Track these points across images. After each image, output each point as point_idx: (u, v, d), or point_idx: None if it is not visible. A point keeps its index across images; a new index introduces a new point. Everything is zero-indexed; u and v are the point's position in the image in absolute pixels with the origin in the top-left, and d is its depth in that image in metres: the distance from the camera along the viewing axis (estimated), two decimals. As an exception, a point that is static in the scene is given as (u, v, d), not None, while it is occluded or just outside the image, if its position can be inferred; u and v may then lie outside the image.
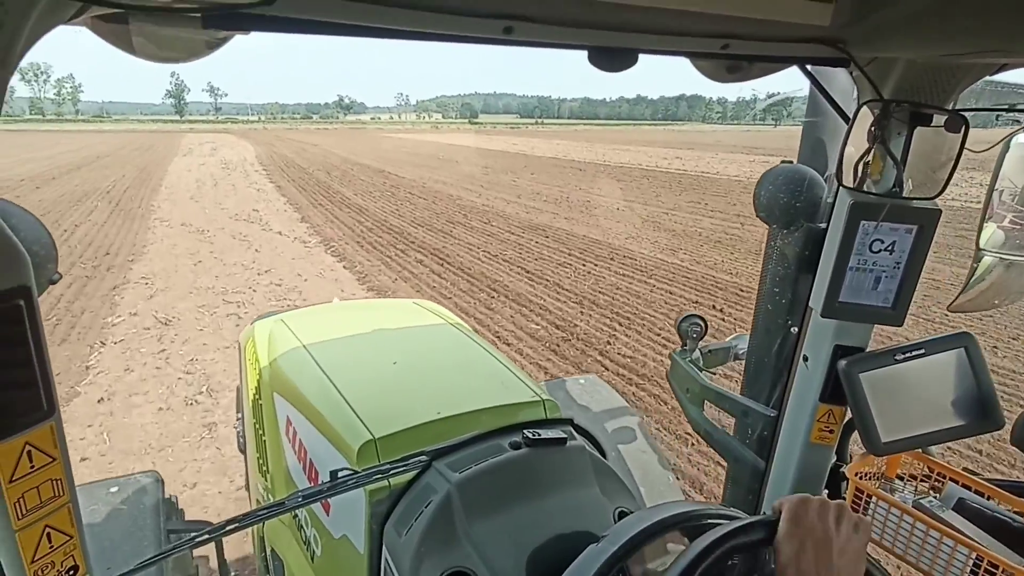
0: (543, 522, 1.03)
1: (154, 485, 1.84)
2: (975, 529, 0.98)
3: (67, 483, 0.60)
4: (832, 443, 1.20)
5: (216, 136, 53.45)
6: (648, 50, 0.76)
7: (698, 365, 1.63)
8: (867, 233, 1.01)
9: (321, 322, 2.13)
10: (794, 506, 0.68)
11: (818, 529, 0.66)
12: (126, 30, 0.61)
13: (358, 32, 0.63)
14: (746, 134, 74.06)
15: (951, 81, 0.93)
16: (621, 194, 16.71)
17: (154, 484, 1.84)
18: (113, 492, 1.76)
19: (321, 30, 0.62)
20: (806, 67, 0.99)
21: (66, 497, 0.60)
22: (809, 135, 1.35)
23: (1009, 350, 5.46)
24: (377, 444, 1.25)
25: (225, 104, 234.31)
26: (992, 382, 1.03)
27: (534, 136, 63.41)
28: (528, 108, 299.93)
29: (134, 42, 0.64)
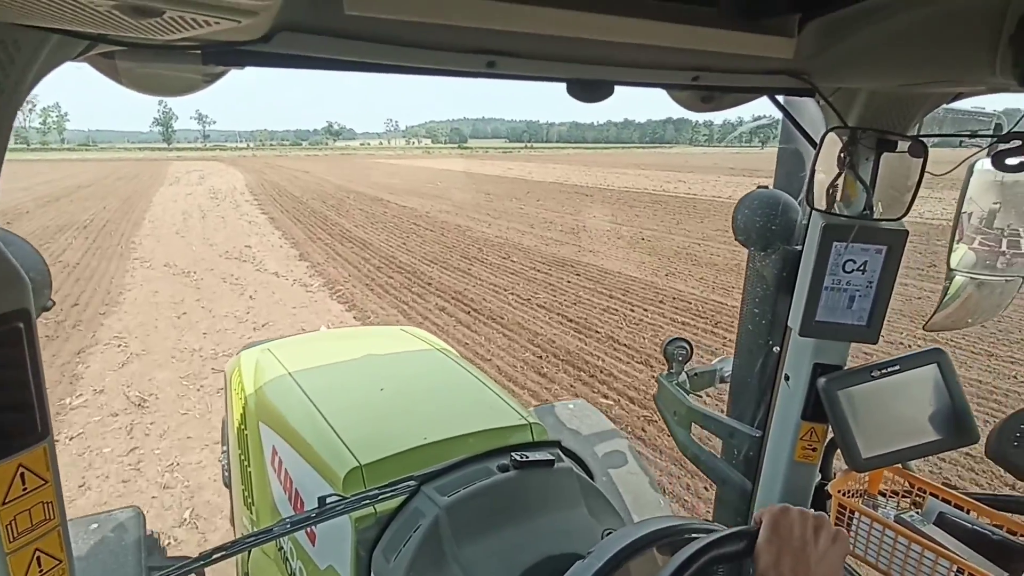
0: (532, 544, 1.03)
1: (135, 521, 1.80)
2: (955, 542, 1.00)
3: (58, 507, 0.60)
4: (816, 461, 1.21)
5: (204, 164, 51.25)
6: (623, 82, 0.80)
7: (685, 388, 1.65)
8: (839, 254, 1.04)
9: (308, 350, 2.12)
10: (774, 516, 0.70)
11: (796, 539, 0.67)
12: (128, 66, 0.64)
13: (351, 67, 0.66)
14: (737, 156, 74.82)
15: (911, 109, 0.98)
16: (639, 221, 15.45)
17: (135, 520, 1.80)
18: (94, 529, 1.72)
19: (315, 65, 0.65)
20: (775, 97, 1.03)
21: (56, 521, 0.60)
22: (783, 161, 1.40)
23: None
24: (363, 471, 1.25)
25: (213, 132, 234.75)
26: (965, 397, 1.06)
27: (527, 160, 62.54)
28: (516, 132, 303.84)
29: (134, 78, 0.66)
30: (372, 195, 21.89)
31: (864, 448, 1.04)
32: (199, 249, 11.48)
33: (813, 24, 0.83)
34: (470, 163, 55.30)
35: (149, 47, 0.60)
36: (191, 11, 0.41)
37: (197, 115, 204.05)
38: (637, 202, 20.51)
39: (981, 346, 5.94)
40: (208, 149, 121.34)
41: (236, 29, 0.52)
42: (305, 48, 0.61)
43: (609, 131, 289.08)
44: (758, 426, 1.42)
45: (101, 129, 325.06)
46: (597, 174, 37.50)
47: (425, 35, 0.65)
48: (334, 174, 35.65)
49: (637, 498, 1.93)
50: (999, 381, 5.08)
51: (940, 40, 0.72)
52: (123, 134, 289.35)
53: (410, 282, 8.70)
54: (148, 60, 0.64)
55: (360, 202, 19.63)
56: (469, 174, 37.24)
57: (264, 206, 18.69)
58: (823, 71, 0.90)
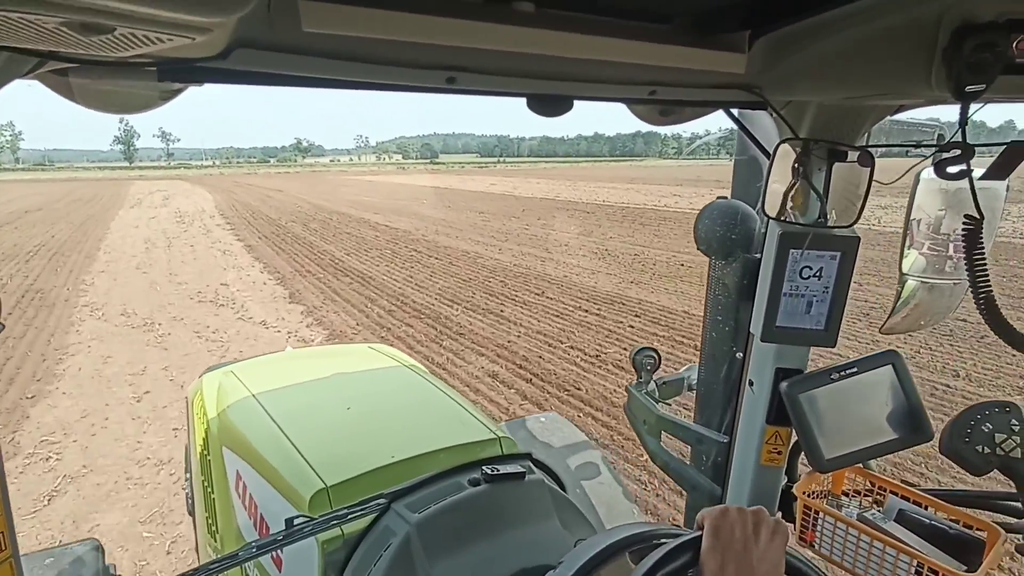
0: (504, 557, 1.02)
1: (93, 555, 1.72)
2: (915, 538, 1.02)
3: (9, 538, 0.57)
4: (781, 464, 1.24)
5: (169, 183, 47.64)
6: (582, 96, 0.82)
7: (654, 397, 1.67)
8: (796, 261, 1.08)
9: (272, 371, 2.08)
10: (714, 519, 0.71)
11: (738, 540, 0.68)
12: (81, 83, 0.63)
13: (310, 83, 0.66)
14: (712, 168, 75.09)
15: (858, 121, 1.02)
16: (663, 243, 13.72)
17: (93, 554, 1.72)
18: (49, 563, 1.64)
19: (275, 82, 0.65)
20: (729, 110, 1.07)
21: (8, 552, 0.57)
22: (740, 172, 1.44)
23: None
24: (330, 492, 1.23)
25: (177, 150, 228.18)
26: (919, 396, 1.09)
27: (505, 175, 59.22)
28: (488, 147, 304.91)
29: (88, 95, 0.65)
30: (356, 216, 19.88)
31: (826, 449, 1.06)
32: (165, 289, 9.35)
33: (763, 40, 0.86)
34: (448, 179, 52.12)
35: (102, 64, 0.59)
36: (143, 28, 0.41)
37: (160, 133, 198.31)
38: (645, 219, 18.66)
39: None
40: (172, 168, 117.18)
41: (192, 46, 0.51)
42: (263, 65, 0.61)
43: (580, 145, 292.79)
44: (725, 432, 1.44)
45: (59, 148, 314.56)
46: (585, 189, 35.68)
47: (384, 51, 0.65)
48: (309, 192, 33.57)
49: (610, 509, 1.93)
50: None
51: (880, 55, 0.76)
52: (82, 153, 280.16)
53: (435, 331, 6.93)
54: (101, 77, 0.63)
55: (345, 224, 17.66)
56: (451, 190, 35.11)
57: (238, 231, 16.56)
58: (774, 85, 0.93)
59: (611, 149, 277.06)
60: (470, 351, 6.26)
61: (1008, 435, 0.94)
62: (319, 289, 9.26)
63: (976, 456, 0.94)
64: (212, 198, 29.54)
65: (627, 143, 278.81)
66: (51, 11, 0.36)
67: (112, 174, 77.98)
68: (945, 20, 0.67)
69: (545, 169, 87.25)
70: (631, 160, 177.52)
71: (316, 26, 0.57)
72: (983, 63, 0.65)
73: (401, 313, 7.81)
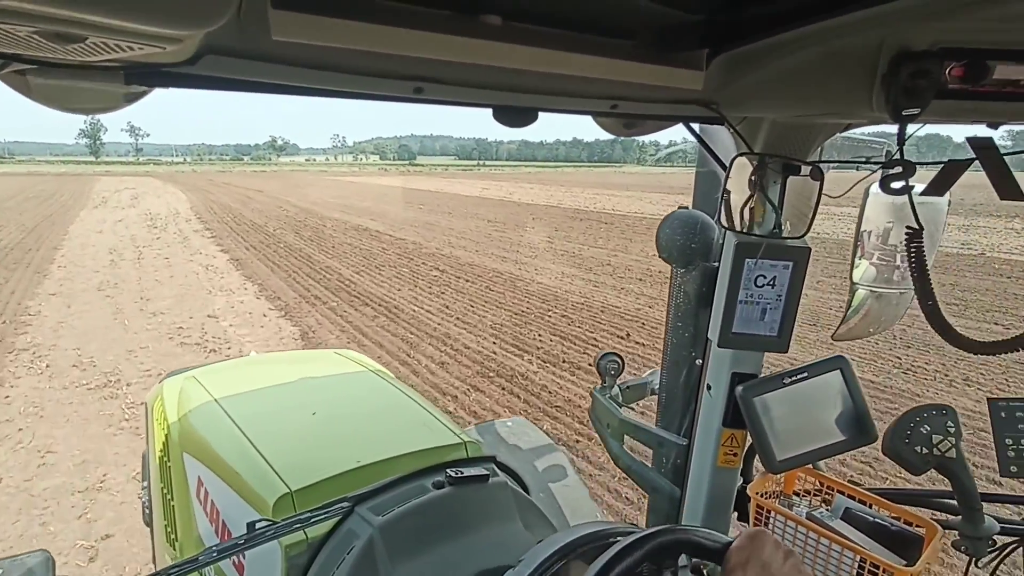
0: (466, 558, 1.03)
1: (44, 566, 1.66)
2: (859, 535, 1.08)
3: None
4: (736, 466, 1.28)
5: (138, 180, 43.41)
6: (547, 108, 0.84)
7: (617, 401, 1.70)
8: (751, 269, 1.12)
9: (235, 377, 2.05)
10: (752, 533, 0.74)
11: (766, 557, 0.71)
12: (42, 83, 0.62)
13: (278, 91, 0.66)
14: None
15: (809, 137, 1.07)
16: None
17: (43, 565, 1.67)
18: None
19: (244, 88, 0.65)
20: (689, 125, 1.11)
21: None
22: (701, 183, 1.49)
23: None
24: (294, 497, 1.22)
25: (147, 145, 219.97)
26: (865, 400, 1.15)
27: (495, 179, 56.41)
28: (466, 150, 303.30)
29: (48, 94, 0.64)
30: (353, 223, 17.49)
31: (778, 451, 1.11)
32: (135, 322, 7.00)
33: (720, 59, 0.90)
34: (433, 182, 48.77)
35: (67, 67, 0.59)
36: (115, 38, 0.41)
37: (129, 127, 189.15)
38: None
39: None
40: (141, 164, 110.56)
41: (161, 52, 0.52)
42: (232, 71, 0.61)
43: (559, 149, 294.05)
44: (684, 435, 1.48)
45: (21, 141, 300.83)
46: (584, 195, 33.33)
47: (353, 61, 0.67)
48: (292, 194, 30.67)
49: (575, 510, 1.96)
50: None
51: (828, 77, 0.81)
52: (45, 146, 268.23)
53: (489, 377, 5.26)
54: (65, 79, 0.62)
55: (342, 233, 15.42)
56: (443, 194, 32.61)
57: (221, 239, 14.10)
58: (730, 102, 0.98)
59: (590, 154, 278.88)
60: (547, 415, 4.54)
61: (944, 436, 1.00)
62: (337, 325, 7.10)
63: (915, 456, 0.99)
64: (186, 198, 26.80)
65: (605, 149, 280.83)
66: (25, 21, 0.36)
67: (77, 169, 72.65)
68: (884, 47, 0.71)
69: (530, 173, 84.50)
70: (612, 167, 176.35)
71: (286, 35, 0.58)
72: (918, 89, 0.70)
73: (458, 367, 5.67)
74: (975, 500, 0.99)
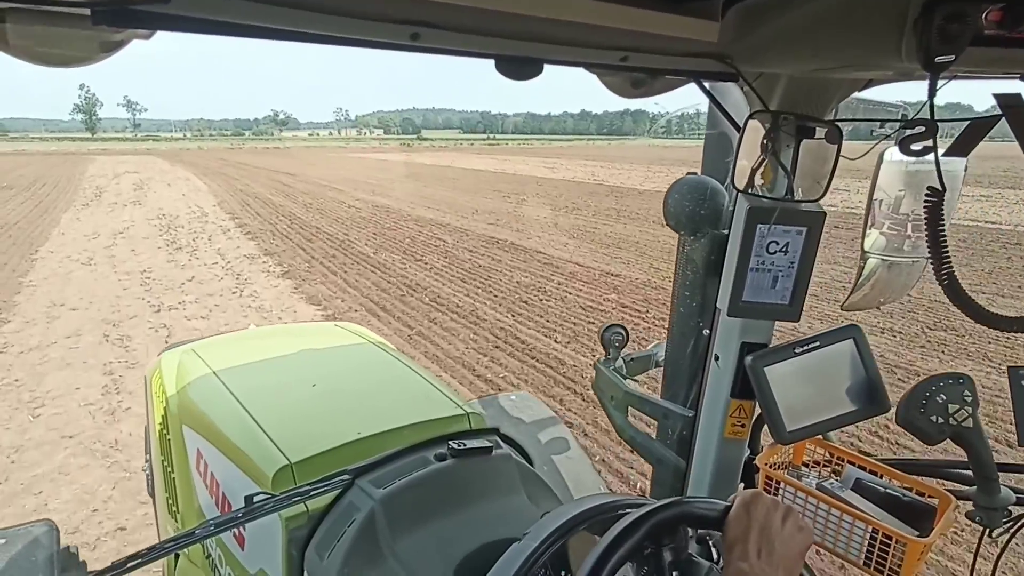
0: (470, 532, 1.02)
1: (48, 536, 1.66)
2: (871, 506, 1.06)
3: None
4: (744, 437, 1.26)
5: (139, 160, 35.04)
6: (552, 60, 0.79)
7: (621, 373, 1.68)
8: (763, 236, 1.08)
9: (235, 350, 2.02)
10: (747, 497, 0.74)
11: (765, 519, 0.71)
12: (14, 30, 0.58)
13: (261, 34, 0.62)
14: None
15: (827, 95, 1.02)
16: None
17: (48, 534, 1.66)
18: (1, 544, 1.58)
19: (221, 30, 0.60)
20: (701, 83, 1.06)
21: None
22: (710, 147, 1.43)
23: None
24: (294, 469, 1.20)
25: (145, 120, 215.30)
26: (878, 370, 1.12)
27: (513, 154, 51.65)
28: (471, 123, 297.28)
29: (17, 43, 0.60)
30: (477, 231, 11.95)
31: (788, 422, 1.08)
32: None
33: (736, 8, 0.85)
34: (455, 157, 43.98)
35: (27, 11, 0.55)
36: None
37: (126, 101, 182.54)
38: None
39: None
40: (140, 140, 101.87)
41: None
42: (208, 11, 0.56)
43: (566, 122, 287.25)
44: (690, 406, 1.46)
45: (15, 117, 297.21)
46: (615, 171, 29.40)
47: (343, 2, 0.62)
48: (329, 177, 24.63)
49: (578, 483, 1.95)
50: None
51: (852, 26, 0.76)
52: (40, 122, 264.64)
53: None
54: (33, 23, 0.58)
55: (440, 234, 11.42)
56: (476, 173, 28.35)
57: (305, 280, 8.07)
58: (746, 56, 0.92)
59: (599, 127, 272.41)
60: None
61: (960, 406, 0.97)
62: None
63: (930, 426, 0.97)
64: (206, 187, 20.48)
65: (615, 121, 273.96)
66: None
67: (70, 146, 63.34)
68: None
69: (543, 147, 77.89)
70: (624, 139, 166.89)
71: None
72: (953, 33, 0.65)
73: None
74: (991, 470, 0.97)
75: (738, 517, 0.71)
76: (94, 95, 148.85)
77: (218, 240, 11.21)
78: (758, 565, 0.65)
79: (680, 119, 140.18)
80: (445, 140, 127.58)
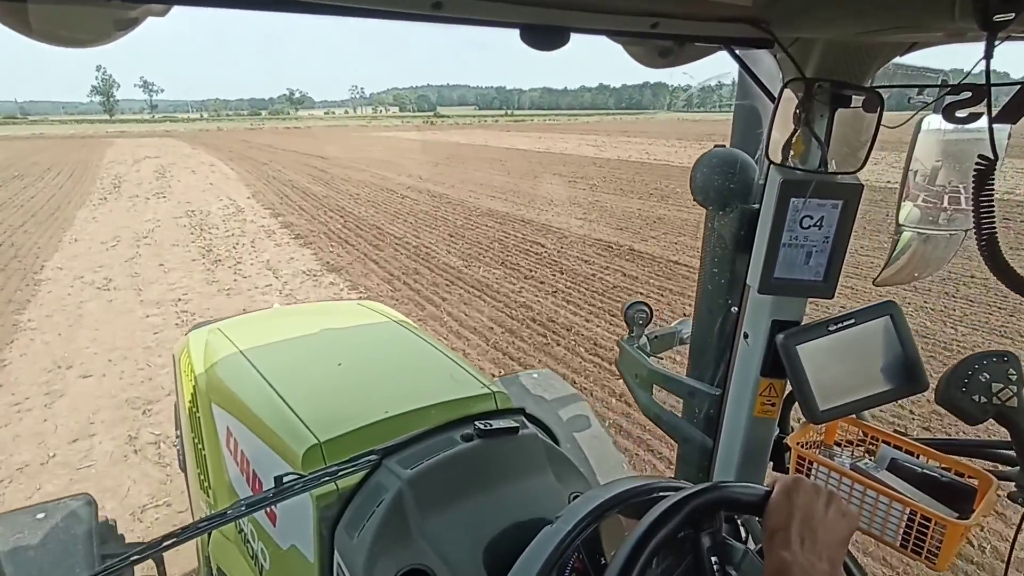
0: (498, 512, 1.02)
1: (86, 509, 1.71)
2: (907, 486, 1.03)
3: None
4: (774, 416, 1.24)
5: (158, 144, 33.33)
6: (579, 28, 0.76)
7: (645, 351, 1.66)
8: (797, 210, 1.04)
9: (260, 329, 2.04)
10: (787, 483, 0.72)
11: (807, 506, 0.69)
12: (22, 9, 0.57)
13: (277, 7, 0.60)
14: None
15: (867, 60, 0.97)
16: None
17: (87, 508, 1.72)
18: (40, 519, 1.63)
19: (237, 3, 0.58)
20: (733, 50, 1.01)
21: None
22: (739, 119, 1.38)
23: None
24: (323, 448, 1.21)
25: (161, 101, 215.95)
26: (916, 347, 1.08)
27: (543, 131, 48.15)
28: (486, 99, 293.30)
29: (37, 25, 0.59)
30: (539, 221, 10.61)
31: (821, 401, 1.06)
32: None
33: None
34: (489, 136, 40.75)
35: None
36: None
37: (142, 82, 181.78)
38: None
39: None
40: (157, 121, 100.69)
41: None
42: None
43: (584, 96, 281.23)
44: (717, 384, 1.43)
45: (35, 100, 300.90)
46: (666, 149, 27.07)
47: None
48: (364, 161, 22.40)
49: (600, 461, 1.95)
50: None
51: None
52: (59, 105, 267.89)
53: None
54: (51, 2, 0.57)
55: (541, 237, 9.37)
56: (525, 153, 26.02)
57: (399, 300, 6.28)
58: (781, 20, 0.88)
59: (617, 101, 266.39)
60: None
61: (1005, 384, 0.93)
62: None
63: (972, 406, 0.93)
64: (235, 174, 18.45)
65: (634, 95, 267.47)
66: None
67: (88, 129, 62.54)
68: None
69: (570, 122, 74.91)
70: (644, 113, 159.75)
71: None
72: None
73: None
74: (1036, 451, 0.94)
75: (779, 504, 0.69)
76: (111, 76, 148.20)
77: (264, 247, 8.89)
78: (801, 554, 0.64)
79: (702, 91, 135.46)
80: (463, 116, 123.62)
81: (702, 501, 0.68)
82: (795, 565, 0.63)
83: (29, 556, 1.46)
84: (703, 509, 0.68)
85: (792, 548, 0.64)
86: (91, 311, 6.10)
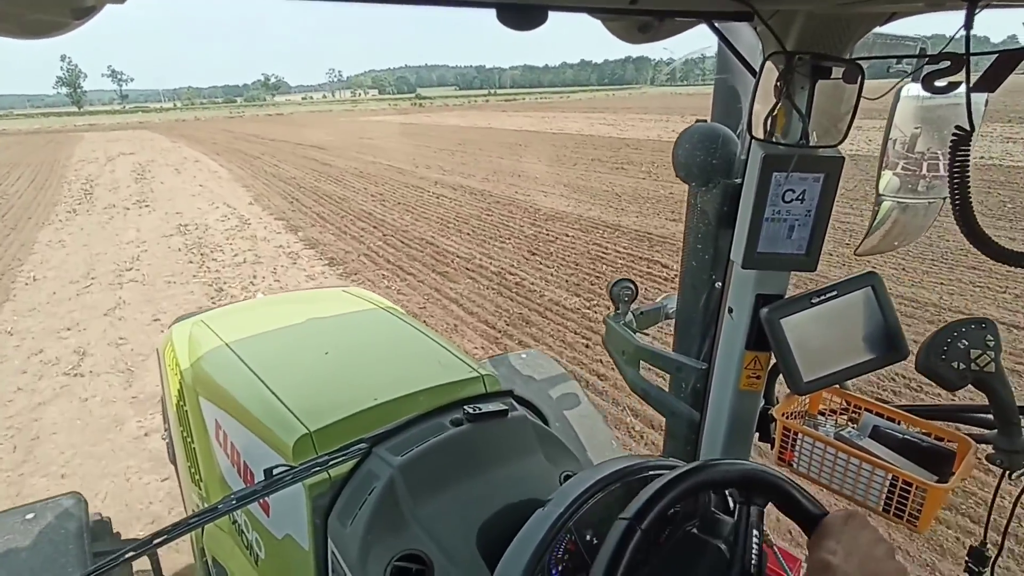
0: (490, 495, 1.03)
1: (77, 507, 1.70)
2: (889, 452, 1.06)
3: None
4: (760, 388, 1.25)
5: (133, 137, 29.71)
6: (557, 7, 0.74)
7: (631, 327, 1.67)
8: (779, 184, 1.05)
9: (245, 319, 2.02)
10: (847, 515, 0.68)
11: (864, 544, 0.65)
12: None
13: None
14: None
15: (847, 32, 0.97)
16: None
17: (77, 506, 1.70)
18: (29, 519, 1.62)
19: None
20: (713, 24, 1.00)
21: None
22: (720, 93, 1.38)
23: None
24: (313, 437, 1.21)
25: (132, 91, 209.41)
26: (897, 317, 1.10)
27: (538, 110, 45.18)
28: (467, 79, 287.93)
29: None
30: (625, 225, 8.53)
31: (805, 372, 1.07)
32: None
33: None
34: (482, 117, 38.71)
35: None
36: None
37: (111, 72, 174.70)
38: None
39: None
40: (129, 112, 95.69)
41: None
42: None
43: (566, 73, 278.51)
44: (703, 359, 1.45)
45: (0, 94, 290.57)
46: (680, 124, 22.26)
47: None
48: (369, 150, 20.08)
49: (591, 439, 1.98)
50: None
51: None
52: (24, 98, 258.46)
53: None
54: None
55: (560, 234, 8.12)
56: (536, 134, 24.27)
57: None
58: None
59: (600, 77, 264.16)
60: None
61: (983, 350, 0.95)
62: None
63: (952, 372, 0.95)
64: (226, 172, 16.02)
65: (616, 70, 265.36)
66: None
67: (56, 122, 56.47)
68: None
69: (563, 100, 71.16)
70: (627, 88, 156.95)
71: None
72: None
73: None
74: (1013, 414, 0.96)
75: (836, 529, 0.65)
76: (76, 67, 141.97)
77: (292, 279, 6.64)
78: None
79: (685, 65, 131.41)
80: (447, 97, 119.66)
81: (759, 479, 0.66)
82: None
83: (20, 558, 1.45)
84: (758, 498, 0.66)
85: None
86: (51, 444, 3.45)
